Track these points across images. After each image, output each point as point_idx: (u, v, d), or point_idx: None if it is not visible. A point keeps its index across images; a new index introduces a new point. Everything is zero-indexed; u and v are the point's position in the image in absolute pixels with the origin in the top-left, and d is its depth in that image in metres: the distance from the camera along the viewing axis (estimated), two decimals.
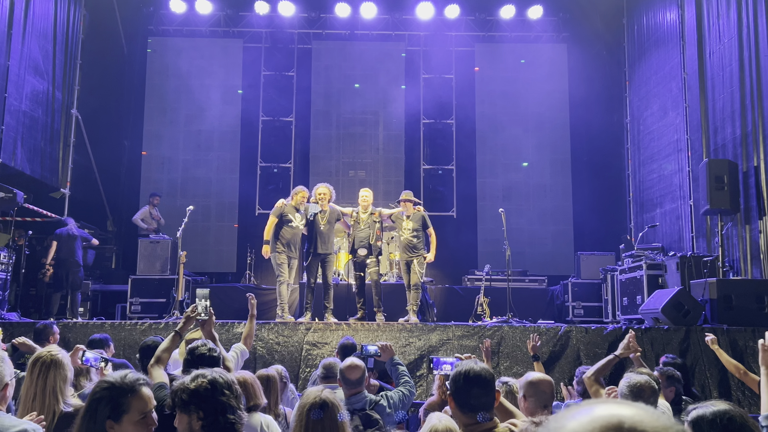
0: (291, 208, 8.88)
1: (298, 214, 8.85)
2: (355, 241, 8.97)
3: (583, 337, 7.96)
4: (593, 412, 0.86)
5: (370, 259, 8.96)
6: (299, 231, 8.85)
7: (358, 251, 8.94)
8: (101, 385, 2.41)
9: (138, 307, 10.37)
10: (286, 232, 8.80)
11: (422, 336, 8.01)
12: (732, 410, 2.41)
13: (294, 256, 8.83)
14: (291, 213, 8.82)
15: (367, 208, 9.09)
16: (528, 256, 13.89)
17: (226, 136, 14.50)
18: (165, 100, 14.55)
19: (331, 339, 7.90)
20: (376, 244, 8.96)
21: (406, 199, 9.06)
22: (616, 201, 13.83)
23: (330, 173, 14.39)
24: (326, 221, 8.82)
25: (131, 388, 2.37)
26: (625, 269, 9.98)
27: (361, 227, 8.98)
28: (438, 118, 14.44)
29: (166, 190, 14.21)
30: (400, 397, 4.30)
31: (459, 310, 10.78)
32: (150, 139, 14.45)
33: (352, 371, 4.11)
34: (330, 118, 14.77)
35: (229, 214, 14.33)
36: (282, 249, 8.76)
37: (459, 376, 2.82)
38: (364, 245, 8.94)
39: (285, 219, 8.83)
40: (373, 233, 8.97)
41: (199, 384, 2.44)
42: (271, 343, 7.93)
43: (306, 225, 8.92)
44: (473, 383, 2.79)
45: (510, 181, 14.52)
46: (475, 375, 2.80)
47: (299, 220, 8.84)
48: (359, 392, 4.12)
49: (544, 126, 14.65)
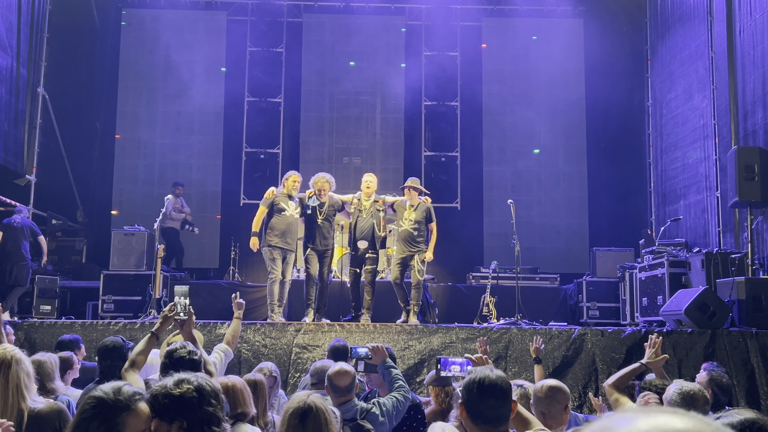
0: (283, 195, 8.84)
1: (292, 201, 8.80)
2: (355, 232, 8.91)
3: (599, 341, 7.98)
4: (645, 423, 0.83)
5: (370, 254, 8.95)
6: (294, 220, 8.79)
7: (358, 243, 8.90)
8: (90, 401, 2.30)
9: (111, 306, 10.37)
10: (278, 222, 8.73)
11: (423, 338, 8.02)
12: (760, 419, 2.42)
13: (291, 249, 8.76)
14: (283, 201, 8.78)
15: (370, 195, 9.07)
16: (539, 251, 13.91)
17: (209, 119, 14.47)
18: (141, 79, 14.50)
19: (323, 341, 7.90)
20: (379, 235, 8.94)
21: (411, 186, 9.05)
22: (635, 192, 13.85)
23: (322, 160, 14.37)
24: (325, 214, 8.81)
25: (126, 405, 2.27)
26: (645, 267, 9.99)
27: (363, 216, 8.94)
28: (441, 100, 14.42)
29: (142, 178, 14.19)
30: (393, 404, 4.27)
31: (463, 311, 10.78)
32: (124, 121, 14.41)
33: (340, 377, 4.10)
34: (322, 99, 14.74)
35: (211, 204, 14.32)
36: (275, 242, 8.66)
37: (473, 384, 2.80)
38: (366, 237, 8.89)
39: (277, 208, 8.77)
40: (377, 223, 8.95)
41: (185, 391, 2.38)
42: (257, 345, 7.94)
43: (302, 216, 8.90)
44: (488, 393, 2.76)
45: (520, 169, 14.52)
46: (491, 384, 2.77)
47: (293, 208, 8.78)
48: (349, 400, 4.11)
49: (557, 109, 14.64)
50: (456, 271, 13.31)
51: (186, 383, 2.42)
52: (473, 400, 2.77)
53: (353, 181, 9.51)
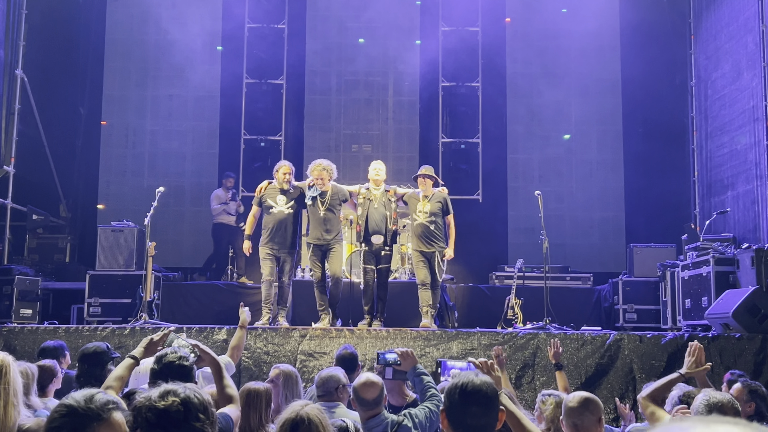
0: (273, 190, 8.93)
1: (283, 196, 8.88)
2: (368, 225, 8.91)
3: (637, 348, 7.97)
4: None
5: (386, 250, 8.95)
6: (286, 216, 8.84)
7: (372, 238, 8.89)
8: (60, 409, 2.29)
9: (98, 309, 10.43)
10: (267, 221, 8.92)
11: (440, 345, 8.04)
12: None
13: (282, 249, 8.83)
14: (272, 196, 8.88)
15: (379, 184, 9.07)
16: (570, 248, 13.87)
17: (204, 103, 14.51)
18: (129, 59, 14.55)
19: (330, 348, 7.95)
20: (390, 229, 8.95)
21: (425, 174, 9.04)
22: (678, 181, 13.77)
23: (329, 148, 14.38)
24: (327, 205, 8.83)
25: (97, 414, 2.26)
26: (689, 265, 9.95)
27: (375, 206, 8.94)
28: (460, 81, 14.38)
29: (131, 168, 14.26)
30: (426, 414, 4.27)
31: (485, 314, 10.78)
32: (111, 106, 14.47)
33: (367, 389, 4.11)
34: (329, 80, 14.74)
35: (207, 196, 14.34)
36: (264, 243, 8.85)
37: (454, 390, 2.83)
38: (380, 230, 8.88)
39: (265, 206, 8.93)
40: (390, 215, 8.96)
41: (170, 404, 2.38)
42: (259, 352, 7.98)
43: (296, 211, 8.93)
44: (471, 400, 2.78)
45: (548, 156, 14.47)
46: (474, 390, 2.79)
47: (284, 203, 8.86)
48: (377, 414, 4.12)
49: (590, 90, 14.56)
50: (477, 270, 13.29)
51: (172, 395, 2.41)
52: (454, 407, 2.80)
53: (363, 171, 9.52)
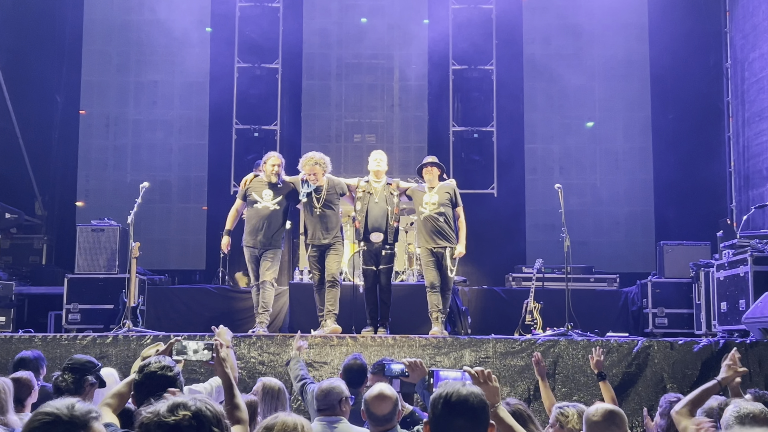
0: (259, 183, 8.94)
1: (270, 190, 8.88)
2: (367, 222, 8.91)
3: (668, 355, 7.96)
4: None
5: (387, 250, 8.98)
6: (271, 212, 8.84)
7: (371, 236, 8.90)
8: (40, 417, 2.32)
9: (77, 316, 10.46)
10: (250, 216, 8.92)
11: (452, 353, 8.05)
12: None
13: (262, 248, 8.83)
14: (257, 190, 8.88)
15: (380, 176, 9.07)
16: (594, 247, 13.86)
17: (191, 89, 14.51)
18: (110, 42, 14.55)
19: (331, 357, 7.97)
20: (392, 225, 8.96)
21: (433, 162, 9.05)
22: (712, 173, 13.73)
23: (329, 138, 14.39)
24: (324, 201, 8.84)
25: (83, 423, 2.29)
26: (725, 264, 9.92)
27: (375, 201, 8.94)
28: (473, 64, 14.37)
29: (113, 162, 14.27)
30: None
31: (501, 320, 10.79)
32: (90, 94, 14.49)
33: (379, 404, 4.11)
34: (328, 64, 14.74)
35: (195, 192, 14.39)
36: (246, 240, 8.89)
37: (438, 401, 2.84)
38: (380, 228, 8.88)
39: (249, 200, 8.93)
40: (391, 211, 8.97)
41: (181, 418, 2.36)
42: (253, 362, 8.00)
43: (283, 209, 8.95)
44: (456, 411, 2.79)
45: (569, 146, 14.46)
46: (460, 401, 2.80)
47: (270, 197, 8.85)
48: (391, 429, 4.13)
49: (616, 73, 14.54)
50: (492, 271, 13.29)
51: (182, 408, 2.39)
52: (438, 420, 2.81)
53: (367, 162, 9.48)
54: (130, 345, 8.00)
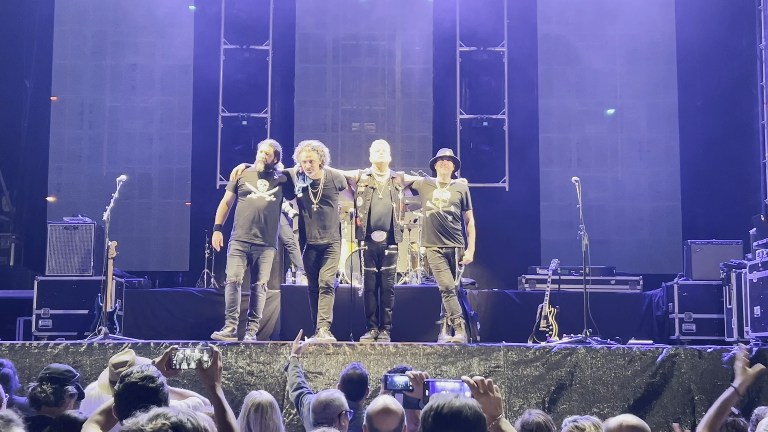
0: (251, 173, 8.93)
1: (265, 180, 8.87)
2: (370, 220, 8.91)
3: (696, 365, 7.97)
4: None
5: (391, 250, 8.98)
6: (267, 204, 8.83)
7: (373, 235, 8.91)
8: None
9: (48, 322, 10.46)
10: (242, 208, 8.87)
11: (459, 362, 8.05)
12: None
13: (261, 243, 8.82)
14: (250, 180, 8.87)
15: (384, 168, 9.07)
16: (615, 245, 13.85)
17: (173, 73, 14.50)
18: (84, 21, 14.52)
19: (327, 366, 7.99)
20: (398, 224, 8.96)
21: (448, 156, 9.06)
22: (744, 165, 13.72)
23: (324, 127, 14.37)
24: (321, 196, 8.84)
25: None
26: (758, 265, 9.92)
27: (379, 197, 8.96)
28: (482, 45, 14.36)
29: (87, 153, 14.24)
30: None
31: (513, 326, 10.79)
32: (63, 79, 14.47)
33: (383, 419, 4.10)
34: (324, 46, 14.72)
35: (178, 186, 14.38)
36: (238, 235, 8.82)
37: (428, 414, 2.86)
38: (383, 226, 8.89)
39: (241, 191, 8.89)
40: (396, 207, 8.97)
41: (159, 427, 2.45)
42: (241, 372, 8.00)
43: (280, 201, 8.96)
44: (447, 424, 2.81)
45: (588, 136, 14.45)
46: (452, 413, 2.82)
47: (265, 188, 8.85)
48: None
49: (639, 55, 14.53)
50: (504, 272, 13.29)
51: (162, 418, 2.47)
52: None
53: (366, 153, 9.48)
54: (107, 354, 7.98)
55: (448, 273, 8.85)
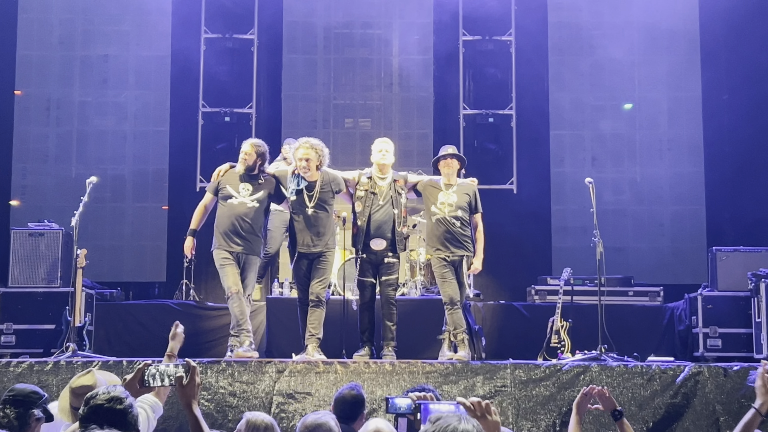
0: (233, 175, 8.92)
1: (248, 183, 8.87)
2: (369, 227, 8.92)
3: (721, 384, 7.97)
4: None
5: (391, 259, 8.98)
6: (246, 210, 8.81)
7: (372, 243, 8.91)
8: None
9: (11, 338, 10.44)
10: (222, 214, 8.85)
11: (461, 381, 8.04)
12: None
13: (244, 250, 8.81)
14: (232, 183, 8.86)
15: (386, 171, 9.07)
16: (632, 253, 13.86)
17: (149, 65, 14.49)
18: (50, 10, 14.51)
19: (317, 386, 7.96)
20: (401, 231, 8.96)
21: (453, 155, 9.07)
22: None
23: (314, 123, 14.37)
24: (317, 200, 8.84)
25: None
26: None
27: (379, 202, 8.96)
28: (488, 34, 14.37)
29: (54, 152, 14.22)
30: None
31: (521, 341, 10.78)
32: (27, 71, 14.46)
33: None
34: (314, 34, 14.72)
35: (154, 189, 14.37)
36: (219, 243, 8.80)
37: None
38: (384, 233, 8.90)
39: (222, 194, 8.88)
40: (399, 213, 8.97)
41: None
42: (223, 393, 7.98)
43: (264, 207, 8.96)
44: None
45: (603, 133, 14.46)
46: None
47: (247, 193, 8.84)
48: None
49: (659, 44, 14.53)
50: (511, 283, 13.29)
51: None
52: None
53: (361, 153, 9.52)
54: (75, 373, 7.92)
55: (453, 283, 8.84)
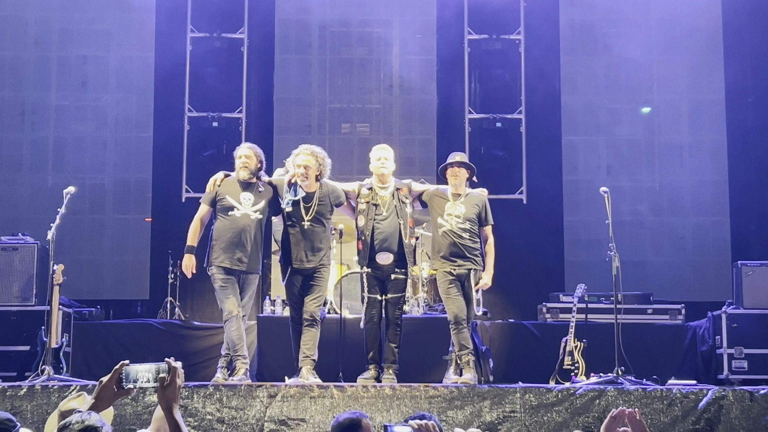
0: (232, 184, 8.89)
1: (249, 192, 8.85)
2: (374, 241, 8.93)
3: (747, 408, 7.95)
4: None
5: (399, 275, 8.98)
6: (249, 222, 8.78)
7: (378, 257, 8.90)
8: None
9: None
10: (223, 227, 8.79)
11: (467, 406, 8.03)
12: None
13: (247, 269, 8.81)
14: (232, 193, 8.82)
15: (386, 180, 9.08)
16: (652, 268, 13.86)
17: (131, 67, 14.51)
18: (24, 7, 14.54)
19: (312, 412, 7.95)
20: (408, 243, 8.96)
21: (459, 162, 9.08)
22: None
23: (308, 128, 14.38)
24: (314, 212, 8.84)
25: None
26: None
27: (382, 214, 8.96)
28: (495, 33, 14.40)
29: (29, 161, 14.24)
30: None
31: (532, 363, 10.78)
32: (1, 73, 14.49)
33: None
34: (308, 33, 14.75)
35: (136, 200, 14.38)
36: (220, 260, 8.72)
37: None
38: (390, 247, 8.90)
39: (221, 206, 8.82)
40: (405, 224, 8.97)
41: None
42: (210, 419, 7.97)
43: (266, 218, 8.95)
44: None
45: (619, 139, 14.48)
46: None
47: (250, 204, 8.81)
48: None
49: (678, 44, 14.56)
50: (521, 300, 13.29)
51: None
52: None
53: (358, 160, 9.52)
54: (51, 398, 7.97)
55: (459, 300, 8.82)
